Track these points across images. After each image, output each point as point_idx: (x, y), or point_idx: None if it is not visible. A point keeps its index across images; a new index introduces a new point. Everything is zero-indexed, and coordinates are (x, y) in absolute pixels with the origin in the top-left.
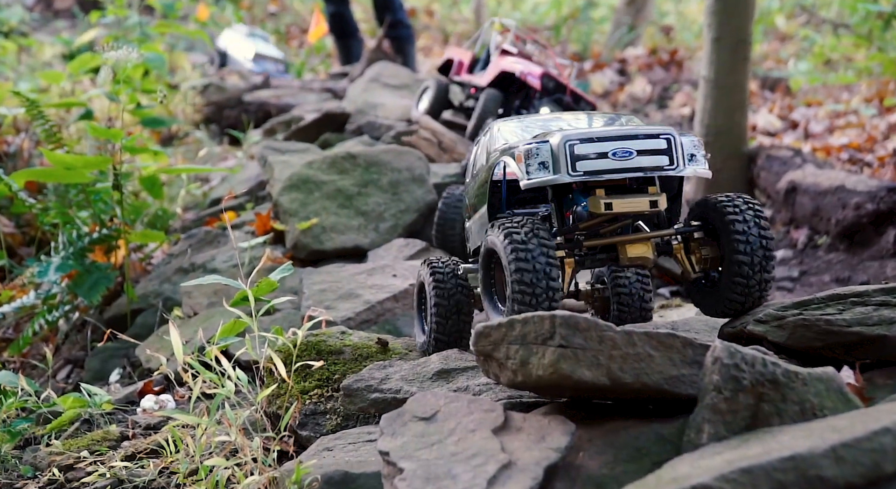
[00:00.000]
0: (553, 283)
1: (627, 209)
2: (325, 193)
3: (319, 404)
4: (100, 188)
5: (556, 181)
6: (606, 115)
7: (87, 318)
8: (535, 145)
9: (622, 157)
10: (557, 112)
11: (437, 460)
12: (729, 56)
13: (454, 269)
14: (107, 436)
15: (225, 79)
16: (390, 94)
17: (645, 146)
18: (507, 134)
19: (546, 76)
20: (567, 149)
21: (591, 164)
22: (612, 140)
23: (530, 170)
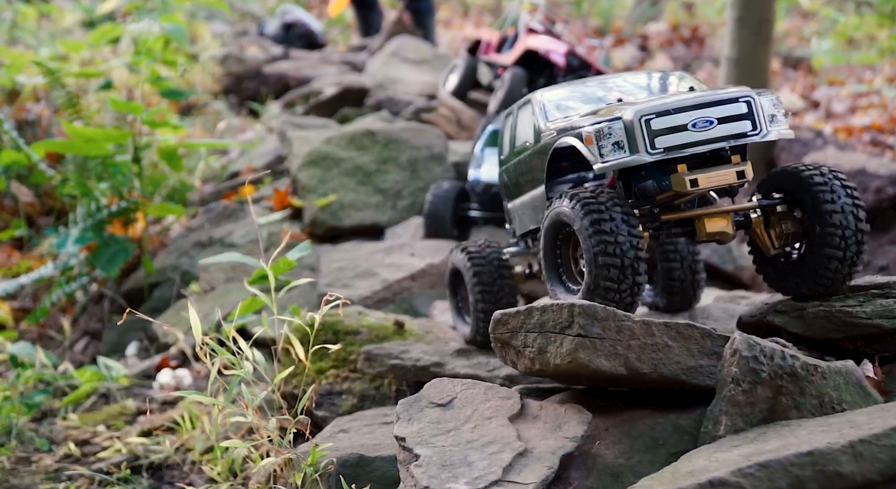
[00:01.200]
0: (639, 253)
1: (714, 183)
2: (344, 170)
3: (335, 384)
4: (119, 161)
5: (637, 162)
6: (655, 75)
7: (105, 291)
8: (607, 124)
9: (703, 128)
10: (600, 77)
11: (453, 447)
12: (751, 35)
13: (495, 254)
14: (123, 411)
15: (244, 49)
16: (410, 69)
17: (725, 113)
18: (555, 107)
19: (571, 54)
20: (643, 125)
21: (670, 139)
22: (690, 110)
23: (604, 151)
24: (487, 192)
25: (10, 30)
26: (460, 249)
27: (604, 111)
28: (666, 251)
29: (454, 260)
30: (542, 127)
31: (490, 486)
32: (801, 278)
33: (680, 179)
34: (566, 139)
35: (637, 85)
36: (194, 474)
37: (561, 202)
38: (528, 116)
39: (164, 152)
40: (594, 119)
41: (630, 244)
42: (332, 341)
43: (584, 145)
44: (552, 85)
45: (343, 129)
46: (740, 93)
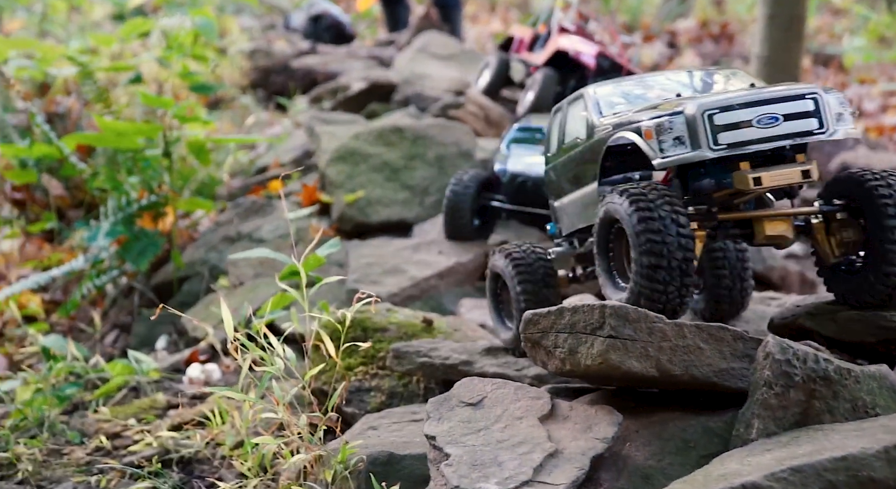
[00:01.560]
0: (689, 254)
1: (779, 182)
2: (372, 166)
3: (364, 381)
4: (149, 155)
5: (699, 158)
6: (706, 71)
7: (135, 284)
8: (668, 118)
9: (768, 125)
10: (652, 73)
11: (484, 447)
12: (783, 33)
13: (540, 260)
14: (154, 405)
15: (272, 43)
16: (437, 65)
17: (791, 109)
18: (610, 102)
19: (601, 55)
20: (706, 120)
21: (734, 135)
22: (755, 105)
23: (664, 146)
24: (513, 182)
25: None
26: (503, 254)
27: (663, 106)
28: (714, 258)
29: (495, 264)
30: (596, 122)
31: (521, 487)
32: (861, 288)
33: (743, 177)
34: (624, 134)
35: (692, 83)
36: (224, 469)
37: (612, 197)
38: (580, 112)
39: (192, 146)
40: (654, 113)
41: (678, 244)
42: (360, 338)
43: (642, 140)
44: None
45: (371, 124)
46: (807, 89)
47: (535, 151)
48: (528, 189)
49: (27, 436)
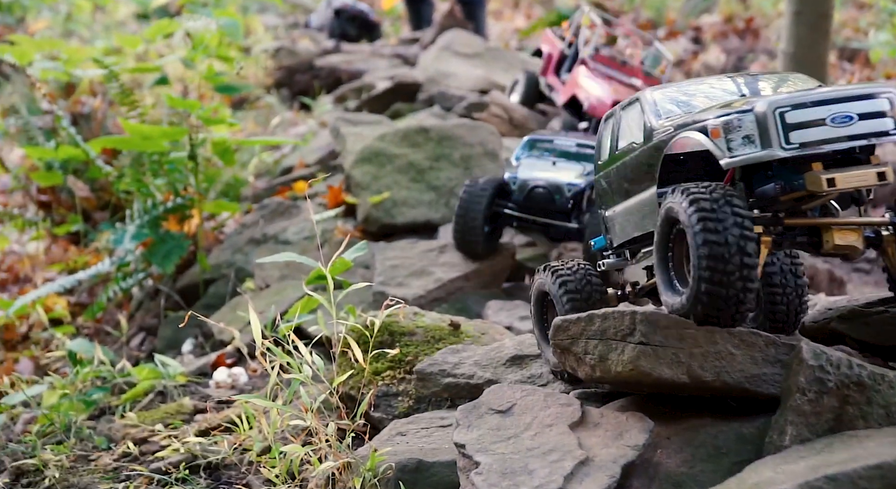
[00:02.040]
0: (748, 260)
1: (853, 184)
2: (397, 167)
3: (392, 386)
4: (175, 158)
5: (770, 157)
6: (771, 76)
7: (161, 287)
8: (736, 116)
9: (841, 124)
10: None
11: (514, 455)
12: (809, 30)
13: (587, 275)
14: (180, 410)
15: (296, 42)
16: (462, 63)
17: (866, 108)
18: (666, 106)
19: (617, 104)
20: (777, 118)
21: (807, 134)
22: (829, 104)
23: (732, 146)
24: (524, 189)
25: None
26: (551, 272)
27: (731, 104)
28: (768, 273)
29: (541, 282)
30: (655, 124)
31: None
32: None
33: (815, 178)
34: (688, 134)
35: (757, 88)
36: (252, 475)
37: (673, 196)
38: (636, 115)
39: (217, 147)
40: (720, 112)
41: (739, 247)
42: (387, 342)
43: (709, 139)
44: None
45: (396, 125)
46: (881, 88)
47: (545, 161)
48: (539, 197)
49: (54, 442)
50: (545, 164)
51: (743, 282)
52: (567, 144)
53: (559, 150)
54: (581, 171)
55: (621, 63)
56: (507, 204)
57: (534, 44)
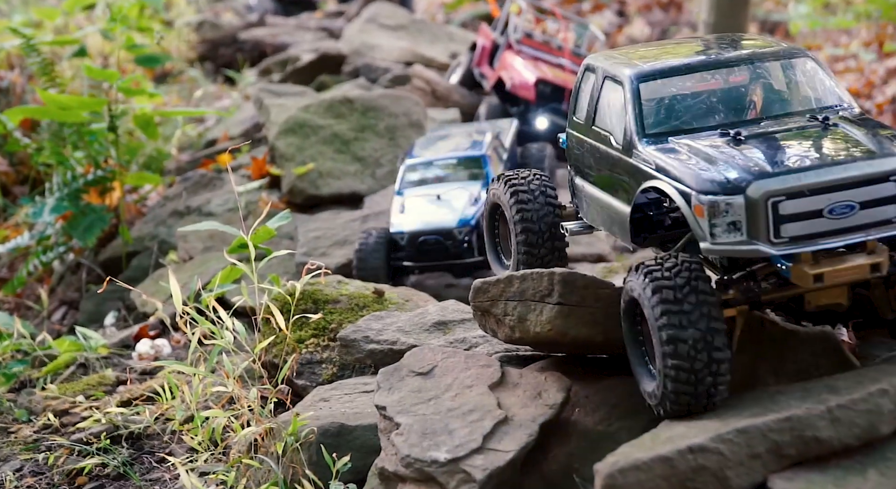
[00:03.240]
0: (718, 354)
1: (844, 280)
2: (322, 138)
3: (315, 353)
4: (95, 129)
5: (755, 254)
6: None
7: (82, 260)
8: (724, 200)
9: (840, 215)
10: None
11: (434, 415)
12: (729, 1)
13: (542, 186)
14: (102, 381)
15: (220, 15)
16: (387, 35)
17: (870, 195)
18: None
19: (541, 82)
20: (769, 208)
21: (800, 227)
22: (829, 191)
23: (716, 231)
24: (414, 242)
25: None
26: (504, 181)
27: (721, 159)
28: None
29: (494, 192)
30: (637, 144)
31: (470, 454)
32: None
33: (802, 273)
34: (668, 189)
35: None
36: (174, 444)
37: (635, 278)
38: (618, 104)
39: (139, 120)
40: (709, 176)
41: (707, 343)
42: (311, 310)
43: (691, 212)
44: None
45: (321, 96)
46: (892, 167)
47: (429, 196)
48: (430, 248)
49: None
50: (429, 203)
51: (713, 378)
52: (448, 161)
53: (442, 171)
54: (470, 195)
55: (553, 47)
56: (402, 256)
57: (461, 17)
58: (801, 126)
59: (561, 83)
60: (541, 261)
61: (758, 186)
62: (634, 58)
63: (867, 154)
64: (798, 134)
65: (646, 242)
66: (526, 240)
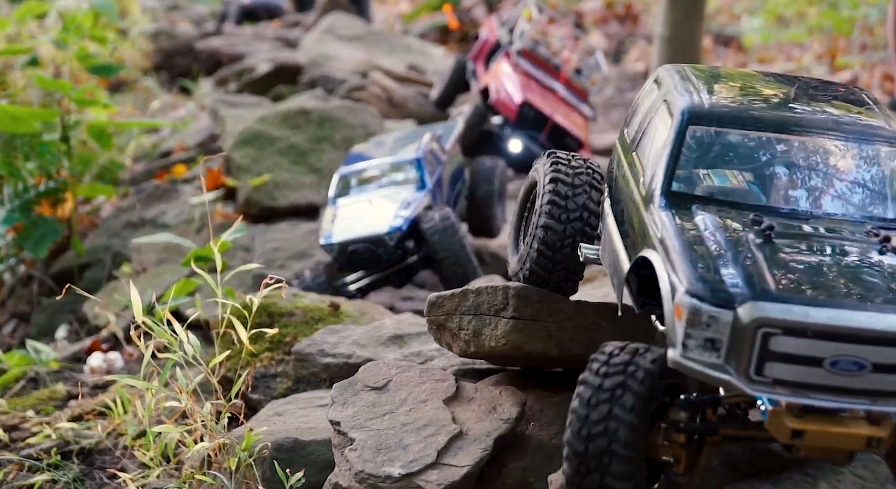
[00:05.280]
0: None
1: (828, 444)
2: (278, 149)
3: (270, 367)
4: (47, 140)
5: (726, 386)
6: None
7: (34, 272)
8: (709, 312)
9: (845, 371)
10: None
11: (388, 430)
12: (683, 14)
13: (590, 175)
14: (53, 396)
15: (176, 24)
16: (344, 46)
17: (889, 359)
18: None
19: (526, 105)
20: (758, 339)
21: (790, 372)
22: (838, 340)
23: (689, 343)
24: (344, 253)
25: None
26: (549, 161)
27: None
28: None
29: (538, 168)
30: (656, 199)
31: (425, 469)
32: None
33: (780, 424)
34: (659, 271)
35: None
36: (126, 459)
37: (583, 376)
38: (661, 139)
39: (93, 130)
40: (705, 274)
41: (623, 474)
42: (266, 323)
43: (671, 309)
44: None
45: (277, 107)
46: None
47: (361, 202)
48: (361, 257)
49: None
50: (361, 209)
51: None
52: (381, 166)
53: (376, 178)
54: (403, 200)
55: (551, 66)
56: (344, 282)
57: (419, 28)
58: (852, 240)
59: (547, 112)
60: (552, 267)
61: (751, 308)
62: (707, 83)
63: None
64: (840, 249)
65: (645, 308)
66: (545, 238)
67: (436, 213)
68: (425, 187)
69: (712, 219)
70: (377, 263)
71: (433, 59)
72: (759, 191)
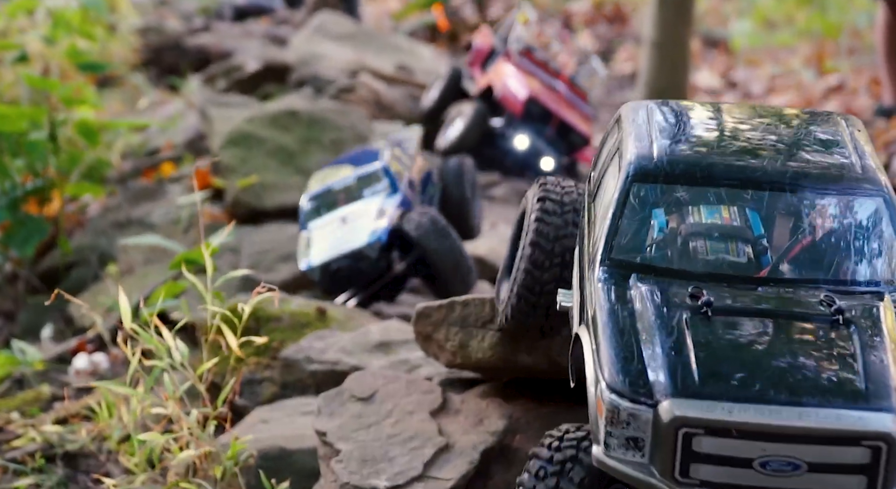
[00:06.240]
0: None
1: None
2: (266, 150)
3: (256, 372)
4: (35, 139)
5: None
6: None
7: (20, 271)
8: (628, 409)
9: (778, 472)
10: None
11: (374, 442)
12: (673, 17)
13: (575, 200)
14: (38, 397)
15: (164, 20)
16: (334, 45)
17: (825, 458)
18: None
19: (532, 101)
20: (679, 438)
21: (719, 474)
22: (768, 439)
23: (611, 442)
24: (327, 274)
25: None
26: (537, 185)
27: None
28: None
29: (528, 196)
30: (596, 266)
31: (411, 482)
32: None
33: None
34: (587, 356)
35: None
36: (111, 464)
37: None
38: (609, 195)
39: (81, 128)
40: (628, 366)
41: None
42: (253, 328)
43: (593, 401)
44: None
45: (265, 108)
46: (865, 428)
47: (332, 222)
48: (345, 274)
49: None
50: (334, 229)
51: None
52: (346, 183)
53: (341, 195)
54: (377, 209)
55: (551, 68)
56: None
57: (408, 26)
58: (802, 313)
59: (553, 108)
60: (540, 288)
61: (670, 407)
62: (668, 128)
63: (849, 397)
64: (785, 327)
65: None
66: (531, 256)
67: (417, 214)
68: (397, 192)
69: (649, 293)
70: (362, 279)
71: (422, 59)
72: (708, 256)
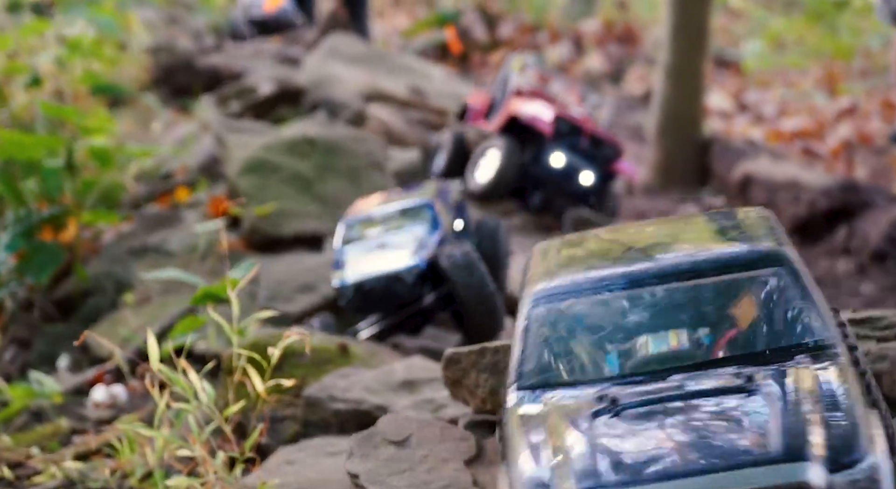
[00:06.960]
0: None
1: None
2: (283, 178)
3: (279, 410)
4: (51, 166)
5: None
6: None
7: (35, 298)
8: None
9: None
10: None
11: (408, 488)
12: (689, 44)
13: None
14: (57, 431)
15: (175, 39)
16: (347, 67)
17: None
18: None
19: (560, 118)
20: None
21: None
22: None
23: None
24: (360, 292)
25: None
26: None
27: (578, 437)
28: None
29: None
30: (508, 392)
31: None
32: None
33: None
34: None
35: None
36: None
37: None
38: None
39: (95, 152)
40: (536, 475)
41: None
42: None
43: None
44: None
45: (281, 134)
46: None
47: (369, 248)
48: (376, 295)
49: None
50: (371, 252)
51: None
52: (388, 212)
53: (382, 224)
54: (416, 238)
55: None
56: (355, 330)
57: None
58: (713, 389)
59: (580, 121)
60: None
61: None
62: (562, 257)
63: (763, 455)
64: (694, 406)
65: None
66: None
67: (454, 248)
68: (439, 228)
69: (557, 408)
70: (393, 304)
71: (434, 80)
72: (612, 360)
